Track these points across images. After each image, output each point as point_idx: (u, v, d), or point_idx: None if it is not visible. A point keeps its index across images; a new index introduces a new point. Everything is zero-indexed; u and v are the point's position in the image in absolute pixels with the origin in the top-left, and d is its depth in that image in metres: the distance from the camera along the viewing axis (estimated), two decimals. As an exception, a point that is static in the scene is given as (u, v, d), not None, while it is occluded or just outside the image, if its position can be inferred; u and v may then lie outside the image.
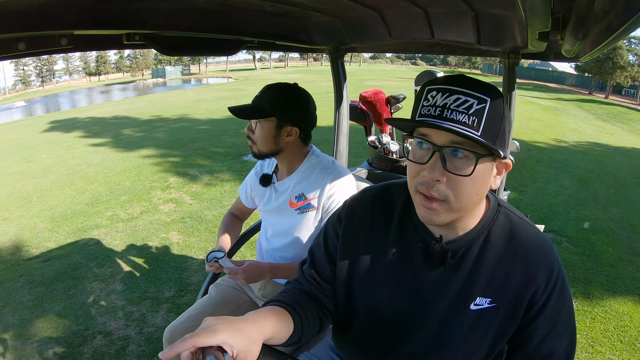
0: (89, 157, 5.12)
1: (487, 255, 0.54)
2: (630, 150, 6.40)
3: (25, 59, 33.44)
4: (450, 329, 0.56)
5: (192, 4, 0.85)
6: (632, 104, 19.45)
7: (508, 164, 0.54)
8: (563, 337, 0.55)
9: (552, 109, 11.42)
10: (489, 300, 0.54)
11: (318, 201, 0.95)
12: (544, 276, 0.53)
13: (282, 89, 0.94)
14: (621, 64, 20.78)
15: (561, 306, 0.54)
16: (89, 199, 3.51)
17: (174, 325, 0.99)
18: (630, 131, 9.29)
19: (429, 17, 0.85)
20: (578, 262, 2.34)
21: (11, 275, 2.29)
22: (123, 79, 43.96)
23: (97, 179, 4.10)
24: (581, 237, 2.67)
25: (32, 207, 3.39)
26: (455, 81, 0.49)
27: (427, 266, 0.56)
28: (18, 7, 0.60)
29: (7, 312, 1.96)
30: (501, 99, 0.50)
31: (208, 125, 7.12)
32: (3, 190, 3.93)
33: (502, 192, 1.07)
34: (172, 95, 14.29)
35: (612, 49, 19.80)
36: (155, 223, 2.94)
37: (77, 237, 2.76)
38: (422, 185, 0.50)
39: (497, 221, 0.56)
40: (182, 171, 4.26)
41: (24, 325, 1.84)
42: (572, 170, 4.46)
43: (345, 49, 1.28)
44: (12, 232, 2.90)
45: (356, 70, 32.59)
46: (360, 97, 1.82)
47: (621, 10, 0.43)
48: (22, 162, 5.10)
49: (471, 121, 0.47)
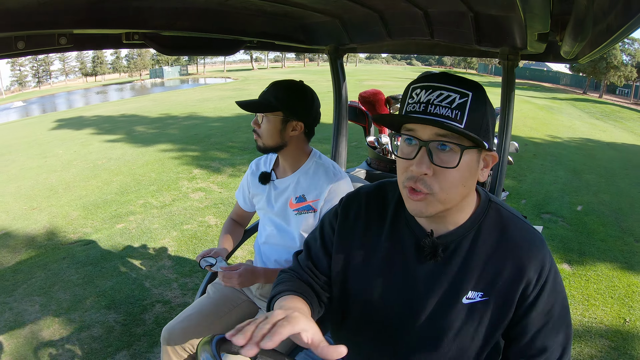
0: (107, 152, 5.23)
1: (478, 249, 0.55)
2: (621, 145, 6.79)
3: (21, 59, 33.13)
4: (442, 322, 0.56)
5: (192, 4, 0.85)
6: (626, 103, 19.71)
7: (494, 156, 0.55)
8: (558, 332, 0.55)
9: (547, 107, 11.65)
10: (480, 294, 0.55)
11: (316, 204, 0.96)
12: (535, 270, 0.53)
13: (289, 85, 0.96)
14: (615, 64, 21.01)
15: (554, 301, 0.55)
16: (118, 189, 3.62)
17: (172, 324, 0.99)
18: (622, 128, 9.67)
19: (429, 17, 0.86)
20: (572, 237, 2.65)
21: (53, 258, 2.41)
22: (120, 79, 43.69)
23: (121, 171, 4.22)
24: (575, 218, 3.00)
25: (60, 198, 3.49)
26: (438, 78, 0.51)
27: (419, 260, 0.57)
28: (17, 6, 0.60)
29: (57, 290, 2.07)
30: (483, 93, 0.52)
31: (219, 123, 7.24)
32: (26, 183, 4.02)
33: (501, 192, 1.07)
34: (176, 95, 14.43)
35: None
36: (189, 209, 3.10)
37: (114, 222, 2.89)
38: (410, 180, 0.51)
39: (488, 216, 0.57)
40: (204, 164, 4.39)
41: (78, 300, 1.97)
42: (567, 163, 4.80)
43: (345, 49, 1.28)
44: (45, 220, 2.99)
45: (353, 70, 32.74)
46: (360, 97, 1.82)
47: (620, 12, 0.43)
48: (38, 157, 5.20)
49: (454, 114, 0.49)
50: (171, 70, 38.53)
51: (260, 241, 1.10)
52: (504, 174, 1.07)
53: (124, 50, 45.05)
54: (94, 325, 1.77)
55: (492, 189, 1.06)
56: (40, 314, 1.89)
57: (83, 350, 1.63)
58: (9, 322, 1.84)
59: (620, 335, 1.71)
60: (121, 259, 2.33)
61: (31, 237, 2.73)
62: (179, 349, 0.96)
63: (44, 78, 43.62)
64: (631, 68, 21.75)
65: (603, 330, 1.74)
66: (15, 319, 1.87)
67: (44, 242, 2.65)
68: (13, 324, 1.83)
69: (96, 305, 1.91)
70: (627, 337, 1.70)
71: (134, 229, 2.75)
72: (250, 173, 1.10)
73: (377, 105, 1.79)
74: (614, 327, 1.77)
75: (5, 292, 2.08)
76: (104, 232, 2.74)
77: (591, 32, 0.50)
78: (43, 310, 1.92)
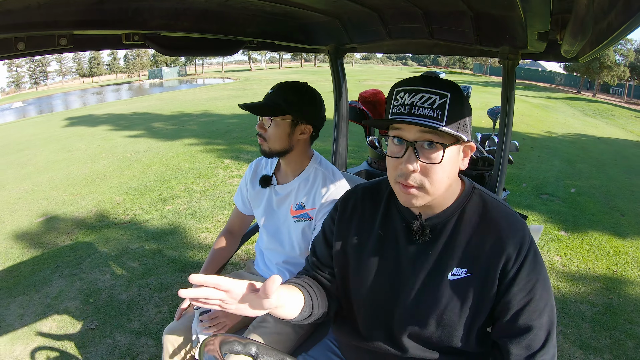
0: (133, 145, 5.35)
1: (462, 229, 0.61)
2: (612, 139, 7.25)
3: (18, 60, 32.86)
4: (429, 298, 0.61)
5: (192, 4, 0.85)
6: (619, 102, 19.94)
7: (472, 146, 0.60)
8: (542, 314, 0.58)
9: (542, 106, 11.92)
10: (464, 271, 0.59)
11: (314, 212, 0.95)
12: (514, 247, 0.57)
13: (296, 87, 0.93)
14: (608, 64, 21.26)
15: (535, 280, 0.57)
16: (156, 177, 3.77)
17: (174, 324, 0.98)
18: (614, 125, 10.10)
19: (428, 17, 0.86)
20: (567, 212, 3.11)
21: (111, 236, 2.54)
22: (117, 80, 43.45)
23: (154, 162, 4.37)
24: (569, 198, 3.46)
25: (98, 186, 3.62)
26: (419, 81, 0.57)
27: (408, 241, 0.63)
28: (18, 7, 0.60)
29: (126, 260, 2.20)
30: (459, 92, 0.57)
31: (236, 119, 7.33)
32: (58, 174, 4.13)
33: (502, 191, 1.08)
34: (182, 95, 14.53)
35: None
36: (231, 192, 3.24)
37: (162, 205, 3.03)
38: (400, 177, 0.57)
39: (472, 200, 0.63)
40: (233, 155, 4.57)
41: (150, 267, 2.10)
42: (561, 154, 5.24)
43: (345, 49, 1.28)
44: (91, 204, 3.13)
45: (350, 70, 32.98)
46: (360, 97, 1.82)
47: (621, 11, 0.43)
48: (61, 151, 5.35)
49: (435, 114, 0.55)
50: (170, 70, 38.41)
51: (262, 246, 1.09)
52: (504, 173, 1.07)
53: (121, 51, 44.80)
54: (173, 285, 1.92)
55: (492, 188, 1.07)
56: (114, 281, 2.01)
57: (169, 306, 1.77)
58: (83, 290, 1.95)
59: (610, 281, 2.12)
60: (182, 233, 2.49)
61: (80, 220, 2.84)
62: (180, 350, 0.96)
63: (41, 79, 43.29)
64: (624, 68, 22.02)
65: (596, 277, 2.15)
66: (88, 287, 1.97)
67: (95, 223, 2.77)
68: (87, 291, 1.93)
69: (170, 270, 2.05)
70: (615, 282, 2.12)
71: (185, 209, 2.90)
72: (250, 174, 1.08)
73: (378, 105, 1.80)
74: (604, 275, 2.18)
75: (70, 266, 2.18)
76: (155, 212, 2.87)
77: (591, 31, 0.50)
78: (116, 277, 2.04)
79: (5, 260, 2.32)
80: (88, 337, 1.63)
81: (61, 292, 1.93)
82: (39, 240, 2.56)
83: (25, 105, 22.96)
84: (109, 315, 1.75)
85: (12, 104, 23.91)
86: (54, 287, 1.99)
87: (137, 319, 1.73)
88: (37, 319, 1.75)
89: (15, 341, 1.63)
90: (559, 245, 2.52)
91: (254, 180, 1.06)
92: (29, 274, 2.13)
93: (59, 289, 1.97)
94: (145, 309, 1.78)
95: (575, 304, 1.89)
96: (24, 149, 5.74)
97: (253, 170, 1.08)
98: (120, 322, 1.71)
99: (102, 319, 1.73)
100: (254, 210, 1.08)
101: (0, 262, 2.30)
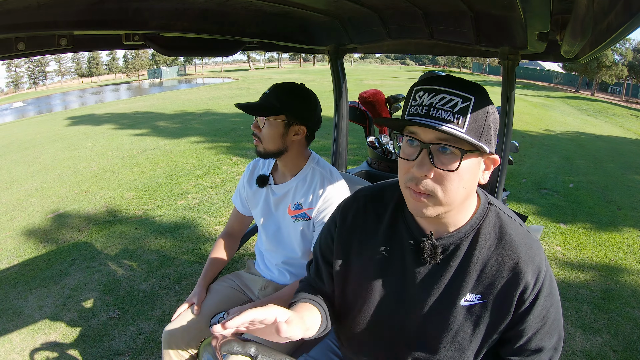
0: (139, 143, 5.37)
1: (477, 251, 0.55)
2: (609, 137, 7.43)
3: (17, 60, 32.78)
4: (440, 324, 0.57)
5: (192, 4, 0.85)
6: (617, 101, 19.99)
7: (495, 159, 0.55)
8: (552, 334, 0.57)
9: (541, 105, 12.01)
10: (478, 297, 0.55)
11: (312, 212, 0.95)
12: (533, 274, 0.54)
13: (292, 88, 0.93)
14: (606, 63, 21.32)
15: (550, 304, 0.56)
16: (165, 174, 3.79)
17: (173, 325, 0.98)
18: (612, 123, 10.23)
19: (429, 17, 0.86)
20: (566, 206, 3.21)
21: (125, 230, 2.52)
22: (116, 80, 43.34)
23: (162, 159, 4.40)
24: (567, 192, 3.56)
25: (108, 182, 3.63)
26: (441, 81, 0.51)
27: (417, 262, 0.57)
28: (18, 7, 0.59)
29: (142, 253, 2.21)
30: (486, 96, 0.52)
31: (240, 118, 7.34)
32: (66, 172, 4.14)
33: (502, 192, 1.08)
34: (184, 94, 14.55)
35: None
36: None
37: (174, 200, 3.06)
38: (411, 181, 0.52)
39: (488, 219, 0.57)
40: (240, 152, 4.59)
41: (167, 259, 2.11)
42: (560, 151, 5.35)
43: (345, 49, 1.28)
44: (102, 200, 3.14)
45: (350, 70, 32.92)
46: (360, 97, 1.82)
47: (620, 11, 0.44)
48: (67, 149, 5.37)
49: (456, 119, 0.49)
50: (169, 70, 38.32)
51: (261, 247, 1.08)
52: (504, 174, 1.07)
53: (120, 51, 44.70)
54: (191, 275, 1.92)
55: (492, 189, 1.07)
56: (133, 272, 2.01)
57: (189, 295, 1.78)
58: (102, 281, 1.95)
59: (607, 268, 2.21)
60: (196, 226, 2.51)
61: (93, 215, 2.85)
62: (180, 350, 0.96)
63: (40, 79, 43.18)
64: (622, 67, 22.09)
65: (594, 265, 2.23)
66: (107, 278, 1.97)
67: (107, 218, 2.77)
68: (107, 282, 1.94)
69: (187, 262, 2.06)
70: (613, 269, 2.20)
71: (197, 204, 2.92)
72: (247, 174, 1.08)
73: (378, 105, 1.79)
74: (602, 263, 2.26)
75: (86, 259, 2.19)
76: (168, 207, 2.90)
77: (591, 31, 0.50)
78: (134, 269, 2.04)
79: (19, 254, 2.32)
80: (111, 325, 1.64)
81: (80, 284, 1.94)
82: (52, 235, 2.56)
83: (25, 105, 22.98)
84: (130, 304, 1.77)
85: (12, 104, 23.95)
86: (72, 279, 1.99)
87: (159, 307, 1.74)
88: (57, 310, 1.76)
89: (36, 332, 1.63)
90: (559, 236, 2.60)
91: (251, 180, 1.06)
92: (46, 267, 2.13)
93: (77, 280, 1.98)
94: (166, 298, 1.79)
95: (575, 289, 1.95)
96: (29, 148, 5.76)
97: (250, 170, 1.08)
98: (142, 310, 1.72)
99: (124, 307, 1.74)
100: (252, 210, 1.08)
101: (15, 256, 2.31)
